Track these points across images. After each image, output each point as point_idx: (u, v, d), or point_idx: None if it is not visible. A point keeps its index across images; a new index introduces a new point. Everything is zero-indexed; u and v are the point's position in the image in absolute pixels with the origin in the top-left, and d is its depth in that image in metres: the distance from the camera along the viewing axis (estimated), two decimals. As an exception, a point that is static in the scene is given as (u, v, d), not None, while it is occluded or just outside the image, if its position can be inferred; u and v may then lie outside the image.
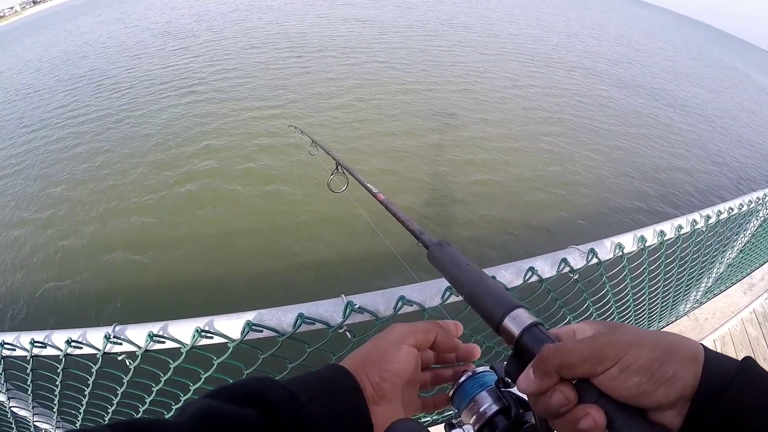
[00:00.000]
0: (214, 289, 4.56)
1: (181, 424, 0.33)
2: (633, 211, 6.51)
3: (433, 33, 16.79)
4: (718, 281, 2.62)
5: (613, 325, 0.38)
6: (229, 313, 0.70)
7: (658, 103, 12.08)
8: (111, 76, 12.20)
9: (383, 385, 0.43)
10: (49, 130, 9.10)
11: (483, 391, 0.45)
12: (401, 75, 11.16)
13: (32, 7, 60.40)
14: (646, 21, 38.26)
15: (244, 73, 11.24)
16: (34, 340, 0.88)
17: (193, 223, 5.55)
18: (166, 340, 0.72)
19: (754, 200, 1.69)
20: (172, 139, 7.81)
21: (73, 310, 4.50)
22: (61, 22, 28.66)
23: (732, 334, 2.68)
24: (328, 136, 7.64)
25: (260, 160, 6.91)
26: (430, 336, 0.48)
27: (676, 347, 0.32)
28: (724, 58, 27.04)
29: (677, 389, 0.31)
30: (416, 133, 7.97)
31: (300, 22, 17.86)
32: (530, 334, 0.40)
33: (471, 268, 0.51)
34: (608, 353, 0.33)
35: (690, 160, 8.84)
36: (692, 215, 1.23)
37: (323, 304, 0.69)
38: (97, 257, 5.16)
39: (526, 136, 8.36)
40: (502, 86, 11.10)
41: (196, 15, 21.34)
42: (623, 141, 8.87)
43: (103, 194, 6.33)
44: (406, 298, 0.70)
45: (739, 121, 12.40)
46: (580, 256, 0.89)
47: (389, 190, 5.68)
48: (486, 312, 0.45)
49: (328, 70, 11.42)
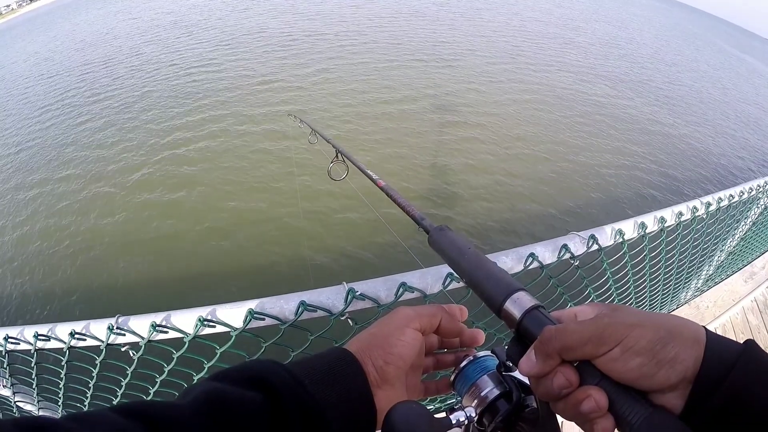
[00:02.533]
0: (213, 281, 4.58)
1: (184, 406, 0.33)
2: (637, 197, 6.52)
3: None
4: (719, 269, 2.62)
5: (615, 307, 0.38)
6: (231, 302, 0.70)
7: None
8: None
9: (387, 369, 0.43)
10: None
11: (484, 375, 0.45)
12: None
13: (28, 5, 60.00)
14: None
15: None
16: (38, 333, 0.88)
17: (189, 216, 5.56)
18: (169, 329, 0.73)
19: (754, 188, 1.68)
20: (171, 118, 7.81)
21: (72, 303, 4.53)
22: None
23: (733, 322, 2.69)
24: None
25: (260, 149, 6.93)
26: (435, 320, 0.48)
27: (678, 329, 0.32)
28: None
29: (679, 371, 0.31)
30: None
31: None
32: (531, 316, 0.40)
33: (472, 252, 0.51)
34: (610, 334, 0.33)
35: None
36: (693, 202, 1.23)
37: (325, 292, 0.69)
38: (103, 251, 5.18)
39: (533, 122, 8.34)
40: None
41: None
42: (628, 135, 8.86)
43: (109, 188, 6.35)
44: (407, 284, 0.70)
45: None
46: (581, 243, 0.89)
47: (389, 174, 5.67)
48: (487, 296, 0.45)
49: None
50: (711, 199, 1.32)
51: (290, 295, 0.68)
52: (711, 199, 1.32)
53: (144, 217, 5.62)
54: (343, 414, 0.38)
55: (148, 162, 6.83)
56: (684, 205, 1.19)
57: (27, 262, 5.22)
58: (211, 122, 7.96)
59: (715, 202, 1.35)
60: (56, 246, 5.38)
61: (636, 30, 22.84)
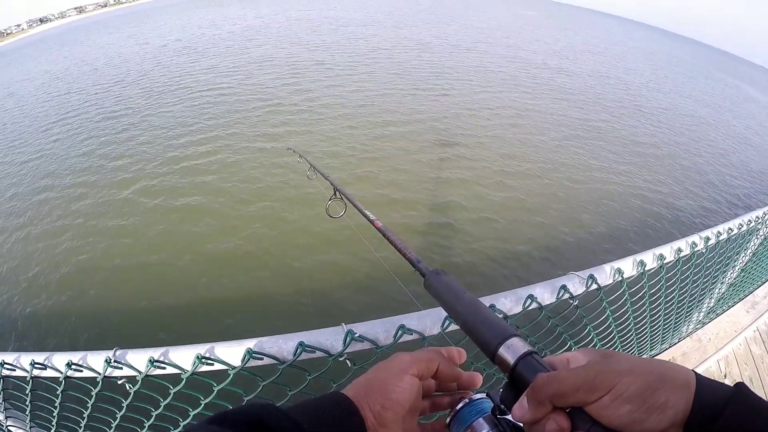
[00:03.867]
0: (212, 316, 4.53)
1: None
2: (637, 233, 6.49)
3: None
4: (721, 301, 2.60)
5: (606, 353, 0.39)
6: (229, 340, 0.70)
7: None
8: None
9: (385, 414, 0.43)
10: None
11: (480, 418, 0.45)
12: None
13: (39, 26, 61.65)
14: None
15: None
16: (34, 361, 0.88)
17: (189, 250, 5.55)
18: (167, 365, 0.73)
19: (753, 219, 1.69)
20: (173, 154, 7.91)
21: (69, 330, 4.46)
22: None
23: (736, 353, 2.65)
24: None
25: (261, 184, 6.96)
26: (433, 366, 0.48)
27: (667, 375, 0.33)
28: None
29: (669, 416, 0.31)
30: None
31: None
32: (525, 363, 0.41)
33: (467, 297, 0.52)
34: (600, 382, 0.33)
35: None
36: (691, 237, 1.23)
37: (324, 333, 0.69)
38: (99, 278, 5.17)
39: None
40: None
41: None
42: (624, 165, 8.92)
43: (107, 214, 6.40)
44: (405, 326, 0.70)
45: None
46: (580, 283, 0.89)
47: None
48: (481, 341, 0.46)
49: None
50: (710, 233, 1.32)
51: (289, 335, 0.69)
52: (710, 233, 1.32)
53: (143, 247, 5.64)
54: None
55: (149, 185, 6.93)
56: (683, 241, 1.20)
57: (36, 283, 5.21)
58: (211, 155, 8.06)
59: (714, 236, 1.35)
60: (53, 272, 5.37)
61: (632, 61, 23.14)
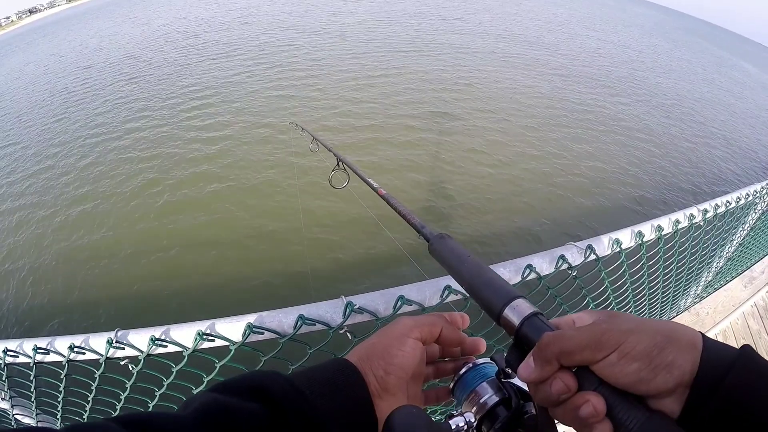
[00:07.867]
0: (213, 294, 4.57)
1: (184, 417, 0.33)
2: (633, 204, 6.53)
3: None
4: (719, 275, 2.62)
5: (612, 313, 0.38)
6: (230, 316, 0.71)
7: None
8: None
9: (388, 379, 0.43)
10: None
11: (483, 382, 0.45)
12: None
13: (28, 17, 60.69)
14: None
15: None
16: (37, 346, 0.88)
17: (188, 228, 5.56)
18: (169, 344, 0.73)
19: (751, 193, 1.69)
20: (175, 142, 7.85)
21: (75, 318, 4.51)
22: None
23: (734, 327, 2.68)
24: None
25: (261, 156, 6.95)
26: (436, 330, 0.48)
27: (674, 334, 0.33)
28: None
29: (676, 376, 0.31)
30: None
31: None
32: (530, 323, 0.40)
33: (471, 260, 0.51)
34: (607, 340, 0.33)
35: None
36: (689, 209, 1.23)
37: (323, 306, 0.69)
38: (99, 263, 5.18)
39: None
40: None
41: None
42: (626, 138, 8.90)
43: (109, 200, 6.37)
44: (405, 297, 0.70)
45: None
46: (578, 253, 0.89)
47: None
48: (486, 303, 0.45)
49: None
50: (708, 206, 1.33)
51: (289, 308, 0.69)
52: (708, 206, 1.33)
53: (148, 228, 5.63)
54: (343, 424, 0.39)
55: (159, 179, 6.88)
56: (681, 213, 1.20)
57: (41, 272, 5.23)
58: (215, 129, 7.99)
59: (712, 208, 1.35)
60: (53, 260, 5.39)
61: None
